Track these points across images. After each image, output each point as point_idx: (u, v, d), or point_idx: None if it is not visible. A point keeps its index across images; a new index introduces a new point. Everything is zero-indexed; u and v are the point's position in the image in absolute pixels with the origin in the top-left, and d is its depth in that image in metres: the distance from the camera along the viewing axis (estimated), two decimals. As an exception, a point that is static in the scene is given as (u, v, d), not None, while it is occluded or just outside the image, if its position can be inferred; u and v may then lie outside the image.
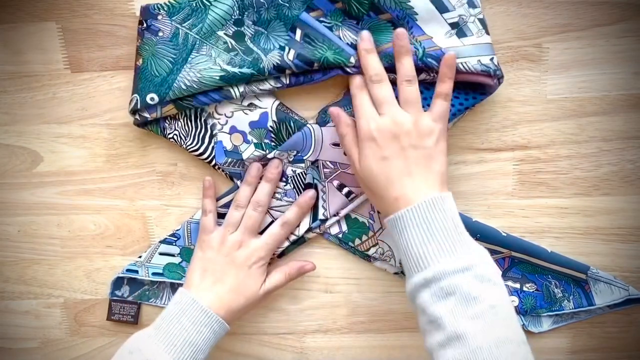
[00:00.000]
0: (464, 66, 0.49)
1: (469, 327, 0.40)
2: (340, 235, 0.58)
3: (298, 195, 0.56)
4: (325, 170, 0.55)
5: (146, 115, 0.53)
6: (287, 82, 0.52)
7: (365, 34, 0.50)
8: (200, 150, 0.55)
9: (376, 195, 0.48)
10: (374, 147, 0.47)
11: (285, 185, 0.56)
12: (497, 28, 0.53)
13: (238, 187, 0.56)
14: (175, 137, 0.55)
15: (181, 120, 0.54)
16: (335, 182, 0.55)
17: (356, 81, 0.50)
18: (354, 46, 0.51)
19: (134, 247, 0.61)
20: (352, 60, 0.50)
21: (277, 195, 0.56)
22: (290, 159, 0.54)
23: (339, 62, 0.51)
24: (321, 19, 0.51)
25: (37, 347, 0.64)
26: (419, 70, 0.51)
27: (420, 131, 0.47)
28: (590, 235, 0.58)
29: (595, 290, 0.58)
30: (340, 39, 0.51)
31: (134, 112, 0.53)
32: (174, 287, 0.61)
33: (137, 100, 0.52)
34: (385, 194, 0.46)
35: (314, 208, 0.56)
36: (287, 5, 0.51)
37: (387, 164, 0.46)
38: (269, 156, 0.54)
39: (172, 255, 0.59)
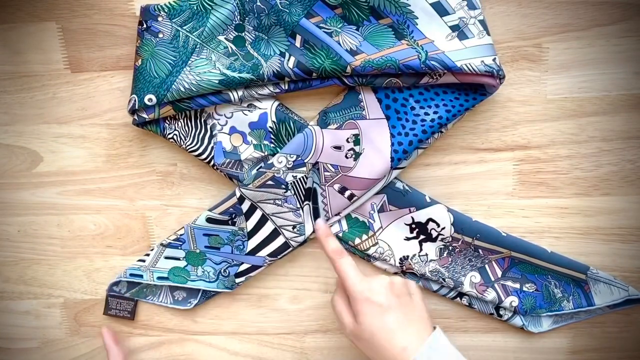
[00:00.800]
0: (468, 68, 0.49)
1: None
2: (340, 235, 0.58)
3: (299, 201, 0.56)
4: (325, 174, 0.55)
5: (144, 115, 0.53)
6: (286, 87, 0.53)
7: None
8: (200, 151, 0.55)
9: (379, 351, 0.48)
10: (369, 304, 0.48)
11: (285, 192, 0.55)
12: (497, 28, 0.53)
13: (234, 194, 0.56)
14: (174, 137, 0.55)
15: (181, 121, 0.54)
16: (337, 186, 0.55)
17: (329, 248, 0.52)
18: (353, 52, 0.51)
19: (134, 247, 0.61)
20: (349, 69, 0.50)
21: (277, 202, 0.56)
22: (290, 165, 0.54)
23: (336, 72, 0.51)
24: (321, 25, 0.51)
25: (37, 347, 0.64)
26: (421, 73, 0.51)
27: (400, 282, 0.50)
28: (590, 235, 0.58)
29: (595, 290, 0.58)
30: (340, 44, 0.51)
31: (132, 112, 0.53)
32: (172, 286, 0.61)
33: (135, 100, 0.52)
34: (389, 347, 0.47)
35: (315, 211, 0.56)
36: (287, 11, 0.51)
37: (386, 316, 0.48)
38: (269, 161, 0.54)
39: (178, 259, 0.59)
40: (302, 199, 0.56)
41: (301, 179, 0.55)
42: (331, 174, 0.55)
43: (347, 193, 0.55)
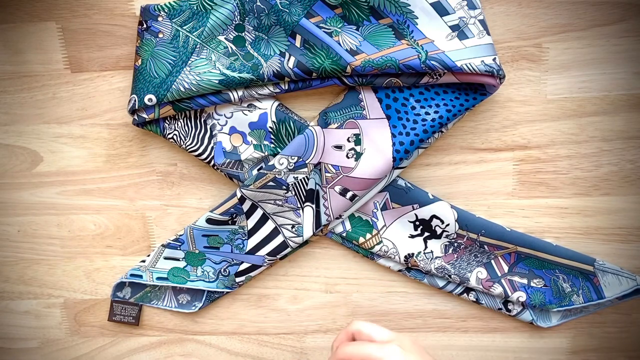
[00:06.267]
0: (468, 67, 0.49)
1: None
2: (344, 234, 0.58)
3: (299, 201, 0.56)
4: (326, 175, 0.55)
5: (144, 115, 0.53)
6: (286, 87, 0.53)
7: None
8: (200, 151, 0.55)
9: None
10: None
11: (286, 193, 0.55)
12: (497, 28, 0.53)
13: (235, 195, 0.56)
14: (174, 137, 0.55)
15: (181, 121, 0.54)
16: (338, 188, 0.55)
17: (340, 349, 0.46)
18: (353, 52, 0.51)
19: (134, 247, 0.61)
20: (349, 69, 0.50)
21: (278, 202, 0.56)
22: (291, 167, 0.54)
23: (336, 72, 0.51)
24: (321, 25, 0.51)
25: (37, 347, 0.64)
26: (421, 73, 0.51)
27: None
28: (590, 235, 0.58)
29: (604, 282, 0.57)
30: (340, 44, 0.51)
31: (132, 112, 0.53)
32: (175, 290, 0.61)
33: (135, 100, 0.52)
34: None
35: (317, 215, 0.56)
36: (287, 11, 0.51)
37: None
38: (270, 162, 0.54)
39: (177, 259, 0.59)
40: (303, 199, 0.56)
41: (302, 179, 0.55)
42: (332, 175, 0.55)
43: (349, 194, 0.55)
